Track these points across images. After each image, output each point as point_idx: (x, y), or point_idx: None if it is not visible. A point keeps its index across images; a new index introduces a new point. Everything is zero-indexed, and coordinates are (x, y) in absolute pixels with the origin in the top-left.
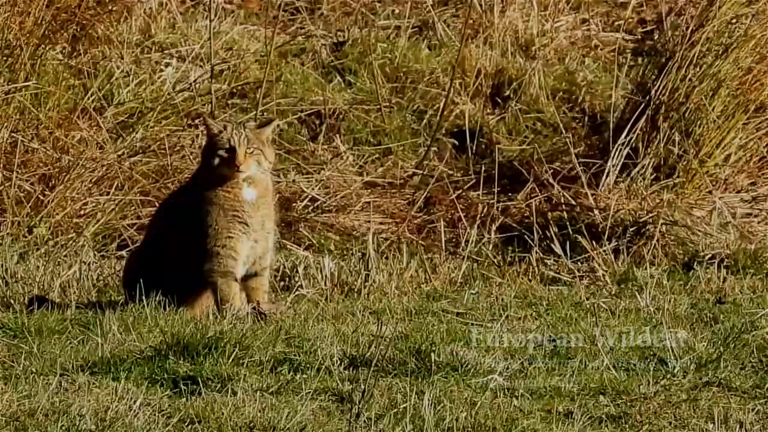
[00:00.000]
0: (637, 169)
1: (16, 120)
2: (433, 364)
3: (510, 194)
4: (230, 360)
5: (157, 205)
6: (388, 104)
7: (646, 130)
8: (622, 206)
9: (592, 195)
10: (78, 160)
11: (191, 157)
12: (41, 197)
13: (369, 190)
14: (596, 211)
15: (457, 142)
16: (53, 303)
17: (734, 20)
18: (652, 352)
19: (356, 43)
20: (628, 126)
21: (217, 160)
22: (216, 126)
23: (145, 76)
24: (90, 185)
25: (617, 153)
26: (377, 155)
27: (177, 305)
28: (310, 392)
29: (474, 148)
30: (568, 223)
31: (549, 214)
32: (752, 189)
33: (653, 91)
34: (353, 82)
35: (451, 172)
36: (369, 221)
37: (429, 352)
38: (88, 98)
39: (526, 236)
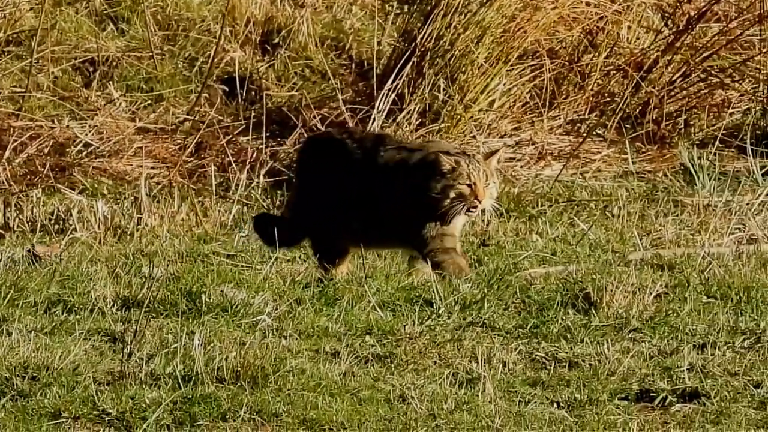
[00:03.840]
0: (403, 114)
1: None
2: (203, 305)
3: (279, 139)
4: (5, 301)
5: None
6: (160, 51)
7: (412, 77)
8: None
9: None
10: None
11: None
12: None
13: (141, 136)
14: None
15: (227, 89)
16: None
17: None
18: (417, 293)
19: None
20: (394, 72)
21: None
22: (449, 162)
23: None
24: None
25: (383, 99)
26: (149, 101)
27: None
28: (83, 333)
29: (244, 94)
30: None
31: None
32: (515, 134)
33: (419, 39)
34: (126, 30)
35: (221, 117)
36: (141, 166)
37: (200, 294)
38: None
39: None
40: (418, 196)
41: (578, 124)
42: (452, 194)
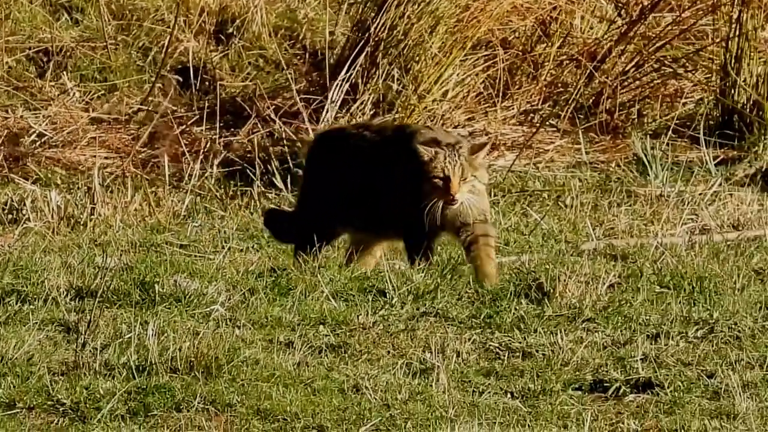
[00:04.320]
0: (356, 104)
1: None
2: (157, 295)
3: (233, 129)
4: None
5: None
6: (113, 41)
7: (366, 67)
8: None
9: (313, 130)
10: None
11: None
12: None
13: (95, 126)
14: None
15: (181, 79)
16: None
17: None
18: (370, 283)
19: None
20: (348, 62)
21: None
22: (427, 153)
23: None
24: None
25: (337, 89)
26: (103, 91)
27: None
28: (37, 323)
29: (197, 84)
30: (289, 157)
31: (271, 148)
32: (469, 124)
33: (372, 28)
34: (80, 20)
35: (175, 107)
36: (95, 156)
37: (153, 284)
38: None
39: (248, 170)
40: (405, 185)
41: (531, 115)
42: (426, 187)
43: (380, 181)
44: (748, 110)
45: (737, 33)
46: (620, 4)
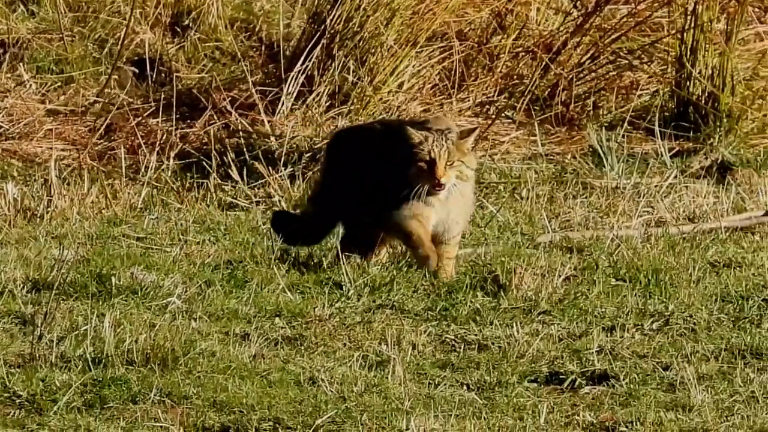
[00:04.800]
0: (312, 96)
1: None
2: (113, 288)
3: (189, 121)
4: None
5: None
6: (70, 33)
7: (322, 59)
8: (298, 133)
9: (269, 122)
10: None
11: None
12: None
13: (51, 118)
14: (273, 138)
15: (137, 71)
16: None
17: None
18: (326, 276)
19: None
20: (304, 54)
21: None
22: (417, 136)
23: None
24: None
25: (293, 81)
26: (60, 83)
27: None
28: None
29: (154, 76)
30: (245, 149)
31: (227, 140)
32: (425, 116)
33: (328, 20)
34: (36, 12)
35: (131, 99)
36: (51, 148)
37: (109, 276)
38: None
39: (204, 162)
40: (395, 168)
41: (487, 106)
42: (413, 169)
43: (386, 175)
44: (703, 102)
45: (692, 25)
46: None
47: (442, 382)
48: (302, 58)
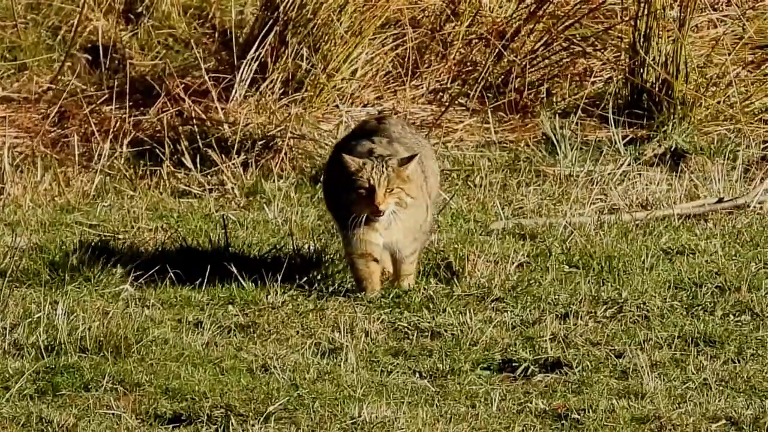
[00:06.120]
0: (266, 83)
1: None
2: (66, 275)
3: (142, 108)
4: None
5: None
6: (23, 20)
7: (275, 46)
8: (251, 120)
9: (222, 109)
10: None
11: None
12: None
13: (4, 105)
14: (226, 125)
15: (90, 58)
16: None
17: None
18: (280, 263)
19: None
20: (257, 41)
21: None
22: (354, 164)
23: None
24: None
25: (246, 68)
26: (13, 71)
27: None
28: None
29: (107, 63)
30: (198, 137)
31: (180, 128)
32: (378, 103)
33: (282, 7)
34: None
35: (85, 87)
36: (4, 135)
37: (62, 263)
38: None
39: (157, 150)
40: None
41: (440, 94)
42: (353, 196)
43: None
44: (657, 89)
45: (646, 12)
46: None
47: (395, 369)
48: (255, 45)
